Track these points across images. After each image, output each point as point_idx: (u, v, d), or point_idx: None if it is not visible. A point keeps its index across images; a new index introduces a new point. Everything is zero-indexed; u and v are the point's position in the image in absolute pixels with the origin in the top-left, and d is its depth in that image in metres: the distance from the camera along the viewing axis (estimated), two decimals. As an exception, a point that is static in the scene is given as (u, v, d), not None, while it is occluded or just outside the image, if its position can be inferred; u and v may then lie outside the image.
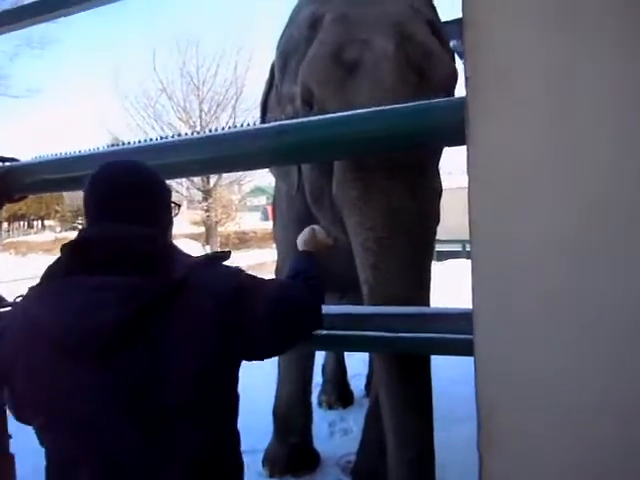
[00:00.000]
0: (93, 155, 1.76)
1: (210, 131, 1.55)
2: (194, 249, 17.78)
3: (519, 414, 0.81)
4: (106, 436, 0.93)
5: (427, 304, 1.67)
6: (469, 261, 0.88)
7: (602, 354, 0.77)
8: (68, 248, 1.03)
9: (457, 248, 12.17)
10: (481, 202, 0.83)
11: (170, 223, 1.16)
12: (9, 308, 1.88)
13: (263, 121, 2.43)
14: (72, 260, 1.01)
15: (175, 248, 1.10)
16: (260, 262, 12.27)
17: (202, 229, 21.29)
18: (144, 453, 0.94)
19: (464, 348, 1.23)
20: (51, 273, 1.02)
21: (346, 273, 1.75)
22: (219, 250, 1.19)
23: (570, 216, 0.77)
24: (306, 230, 1.46)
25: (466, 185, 0.86)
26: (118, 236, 1.01)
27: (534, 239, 0.80)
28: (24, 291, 1.08)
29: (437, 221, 1.72)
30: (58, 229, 21.99)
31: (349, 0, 1.92)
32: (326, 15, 1.86)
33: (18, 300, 1.82)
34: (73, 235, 1.09)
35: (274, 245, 3.12)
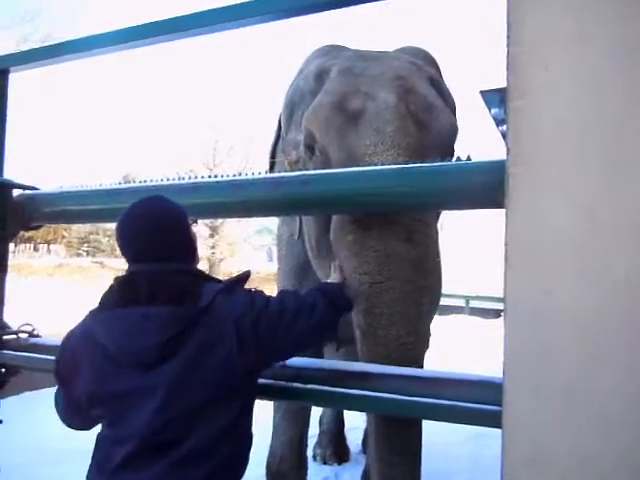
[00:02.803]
0: (113, 190, 1.77)
1: (234, 176, 1.56)
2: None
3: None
4: (140, 423, 1.18)
5: (421, 352, 1.62)
6: (472, 317, 0.85)
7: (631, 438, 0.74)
8: (118, 281, 1.30)
9: (460, 304, 12.07)
10: (516, 268, 0.81)
11: (195, 251, 1.38)
12: (14, 336, 1.87)
13: (271, 169, 2.48)
14: (122, 292, 1.28)
15: (203, 274, 1.38)
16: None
17: (206, 266, 21.28)
18: (165, 434, 1.19)
19: (464, 416, 1.23)
20: (104, 301, 1.29)
21: (342, 323, 1.71)
22: (240, 272, 1.38)
23: (605, 293, 0.75)
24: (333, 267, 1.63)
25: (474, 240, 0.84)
26: (157, 272, 1.27)
27: (570, 308, 0.77)
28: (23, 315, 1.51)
29: (435, 267, 1.69)
30: (63, 254, 21.99)
31: (355, 55, 2.05)
32: (332, 68, 1.96)
33: (23, 328, 1.85)
34: (77, 261, 1.47)
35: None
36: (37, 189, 1.91)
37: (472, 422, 1.24)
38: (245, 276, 1.36)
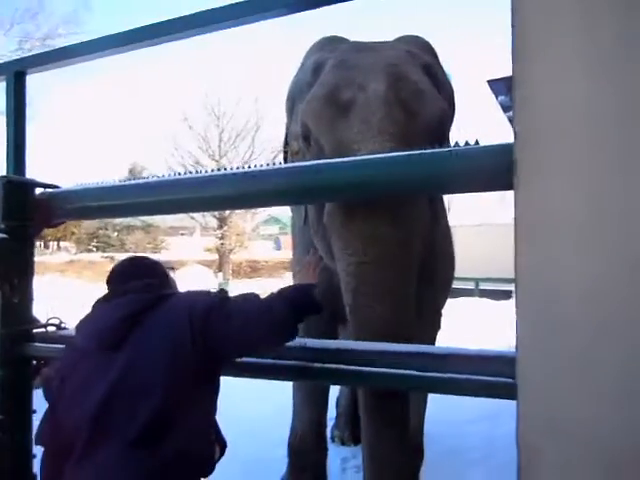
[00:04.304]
0: (132, 185, 1.83)
1: (249, 167, 1.61)
2: (206, 275, 17.90)
3: (561, 461, 0.82)
4: (94, 402, 1.27)
5: (409, 328, 1.68)
6: (482, 299, 0.91)
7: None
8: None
9: (470, 286, 12.09)
10: (526, 246, 0.86)
11: (167, 276, 1.59)
12: (43, 329, 1.95)
13: (285, 159, 2.54)
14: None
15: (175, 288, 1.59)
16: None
17: (215, 256, 21.41)
18: (116, 413, 1.27)
19: (479, 389, 1.28)
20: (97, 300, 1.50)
21: (340, 301, 1.78)
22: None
23: (612, 266, 0.80)
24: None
25: (480, 223, 0.89)
26: (132, 274, 1.50)
27: (579, 283, 0.82)
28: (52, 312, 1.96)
29: (419, 249, 1.73)
30: (73, 251, 22.24)
31: (350, 47, 2.13)
32: (328, 61, 2.04)
33: (51, 321, 1.94)
34: (87, 257, 1.84)
35: (285, 274, 3.18)
36: (58, 187, 1.98)
37: (487, 394, 1.29)
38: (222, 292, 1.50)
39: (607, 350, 0.80)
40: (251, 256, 23.00)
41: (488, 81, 5.10)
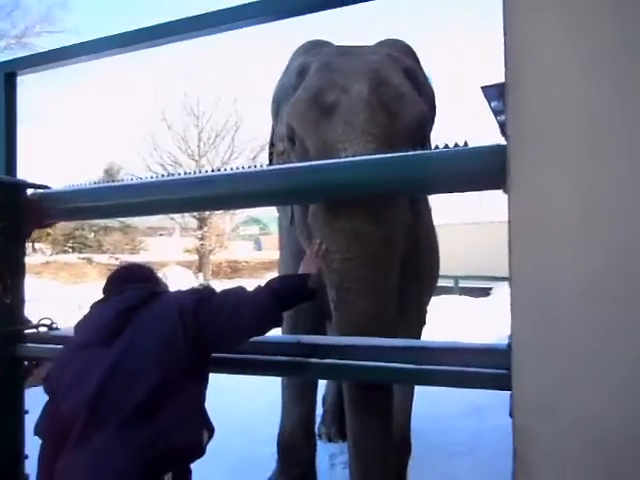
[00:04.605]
0: (123, 186, 1.83)
1: (244, 168, 1.64)
2: (185, 276, 17.78)
3: (555, 444, 0.88)
4: (90, 387, 1.33)
5: (391, 323, 1.76)
6: (462, 297, 0.96)
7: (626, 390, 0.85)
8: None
9: (449, 284, 12.27)
10: (520, 245, 0.91)
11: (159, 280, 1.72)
12: (35, 330, 1.95)
13: (271, 160, 2.59)
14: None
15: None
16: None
17: (195, 257, 21.26)
18: (112, 397, 1.32)
19: (471, 381, 1.34)
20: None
21: (326, 298, 1.84)
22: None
23: (600, 263, 0.86)
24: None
25: (457, 222, 0.94)
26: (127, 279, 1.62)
27: (570, 280, 0.88)
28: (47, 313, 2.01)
29: (400, 246, 1.80)
30: (49, 252, 21.85)
31: (334, 51, 2.21)
32: (312, 64, 2.10)
33: (42, 322, 1.95)
34: (63, 258, 1.89)
35: (266, 275, 3.21)
36: (49, 188, 1.98)
37: (479, 386, 1.35)
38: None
39: (599, 343, 0.85)
40: (231, 256, 22.89)
41: (482, 87, 5.44)
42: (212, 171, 1.76)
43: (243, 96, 20.92)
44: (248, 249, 28.35)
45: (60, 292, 14.23)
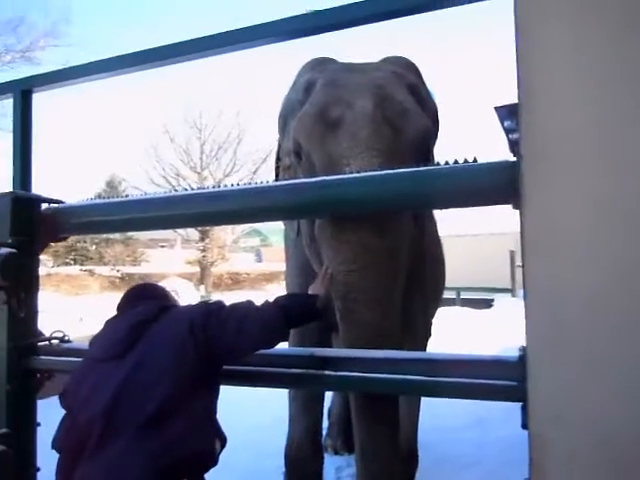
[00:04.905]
0: (137, 200, 1.87)
1: (256, 183, 1.67)
2: (187, 288, 17.76)
3: (569, 450, 0.90)
4: (105, 399, 1.37)
5: (396, 334, 1.79)
6: (464, 308, 0.99)
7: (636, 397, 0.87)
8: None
9: (451, 295, 12.26)
10: (534, 259, 0.94)
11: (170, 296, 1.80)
12: (47, 342, 1.98)
13: (277, 174, 2.63)
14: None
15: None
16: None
17: (196, 269, 21.27)
18: (127, 407, 1.36)
19: (482, 393, 1.35)
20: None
21: (332, 310, 1.85)
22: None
23: (604, 277, 0.89)
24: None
25: (458, 234, 0.97)
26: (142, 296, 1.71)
27: (580, 291, 0.91)
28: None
29: (405, 258, 1.83)
30: (50, 264, 21.88)
31: (340, 68, 2.26)
32: (318, 81, 2.15)
33: (55, 335, 1.99)
34: (65, 270, 1.96)
35: (267, 286, 3.24)
36: (63, 202, 2.01)
37: (490, 398, 1.37)
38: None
39: (610, 352, 0.88)
40: (232, 268, 22.89)
41: (495, 107, 5.75)
42: (218, 186, 1.80)
43: (245, 109, 20.96)
44: (249, 261, 28.36)
45: (62, 304, 14.22)
